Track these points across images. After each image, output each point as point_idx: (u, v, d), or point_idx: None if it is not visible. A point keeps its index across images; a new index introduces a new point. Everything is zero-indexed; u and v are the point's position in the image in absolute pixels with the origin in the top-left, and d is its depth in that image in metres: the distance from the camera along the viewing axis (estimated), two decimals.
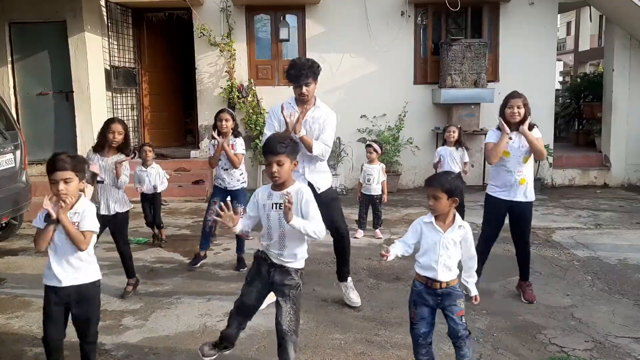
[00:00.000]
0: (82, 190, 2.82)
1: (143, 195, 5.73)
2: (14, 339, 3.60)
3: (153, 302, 4.19)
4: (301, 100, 3.82)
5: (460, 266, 2.83)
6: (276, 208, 2.77)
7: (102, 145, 4.17)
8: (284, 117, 3.69)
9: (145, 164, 5.73)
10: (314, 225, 2.76)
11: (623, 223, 6.60)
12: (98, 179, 4.16)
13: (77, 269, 2.75)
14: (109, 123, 4.18)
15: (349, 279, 4.15)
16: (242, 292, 2.96)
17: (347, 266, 4.15)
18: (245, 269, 4.87)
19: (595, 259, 5.18)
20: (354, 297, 4.07)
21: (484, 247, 4.16)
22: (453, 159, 5.94)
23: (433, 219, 2.79)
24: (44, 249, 2.71)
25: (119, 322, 3.82)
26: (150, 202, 5.79)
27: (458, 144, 5.99)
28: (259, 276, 2.89)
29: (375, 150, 5.98)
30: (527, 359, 3.27)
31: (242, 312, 2.97)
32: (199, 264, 4.96)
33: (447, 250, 2.73)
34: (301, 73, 3.66)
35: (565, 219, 6.84)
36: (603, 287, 4.45)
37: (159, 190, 5.76)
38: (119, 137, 4.13)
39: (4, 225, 5.89)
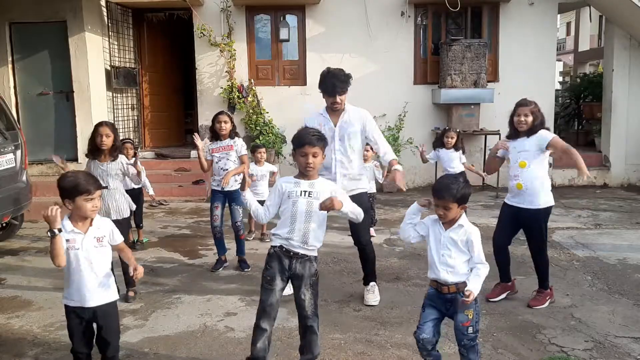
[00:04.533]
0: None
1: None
2: (14, 338, 3.60)
3: (153, 302, 4.20)
4: (333, 109, 3.90)
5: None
6: (305, 195, 2.84)
7: (93, 150, 4.14)
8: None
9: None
10: (357, 208, 2.96)
11: (623, 223, 6.61)
12: (102, 184, 4.13)
13: (98, 289, 2.71)
14: (96, 127, 4.13)
15: (371, 283, 4.20)
16: (263, 295, 2.90)
17: (367, 272, 4.22)
18: (249, 269, 4.92)
19: (595, 258, 5.19)
20: (370, 298, 4.12)
21: (494, 253, 4.14)
22: (451, 160, 5.98)
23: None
24: (64, 264, 2.62)
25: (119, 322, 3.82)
26: (133, 199, 5.68)
27: (455, 147, 6.06)
28: (281, 272, 2.88)
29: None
30: (526, 358, 3.28)
31: (268, 315, 2.88)
32: (221, 268, 4.97)
33: (449, 250, 2.70)
34: (336, 86, 3.78)
35: (565, 219, 6.84)
36: (603, 287, 4.46)
37: (140, 185, 5.70)
38: (107, 140, 4.07)
39: (4, 225, 5.90)
